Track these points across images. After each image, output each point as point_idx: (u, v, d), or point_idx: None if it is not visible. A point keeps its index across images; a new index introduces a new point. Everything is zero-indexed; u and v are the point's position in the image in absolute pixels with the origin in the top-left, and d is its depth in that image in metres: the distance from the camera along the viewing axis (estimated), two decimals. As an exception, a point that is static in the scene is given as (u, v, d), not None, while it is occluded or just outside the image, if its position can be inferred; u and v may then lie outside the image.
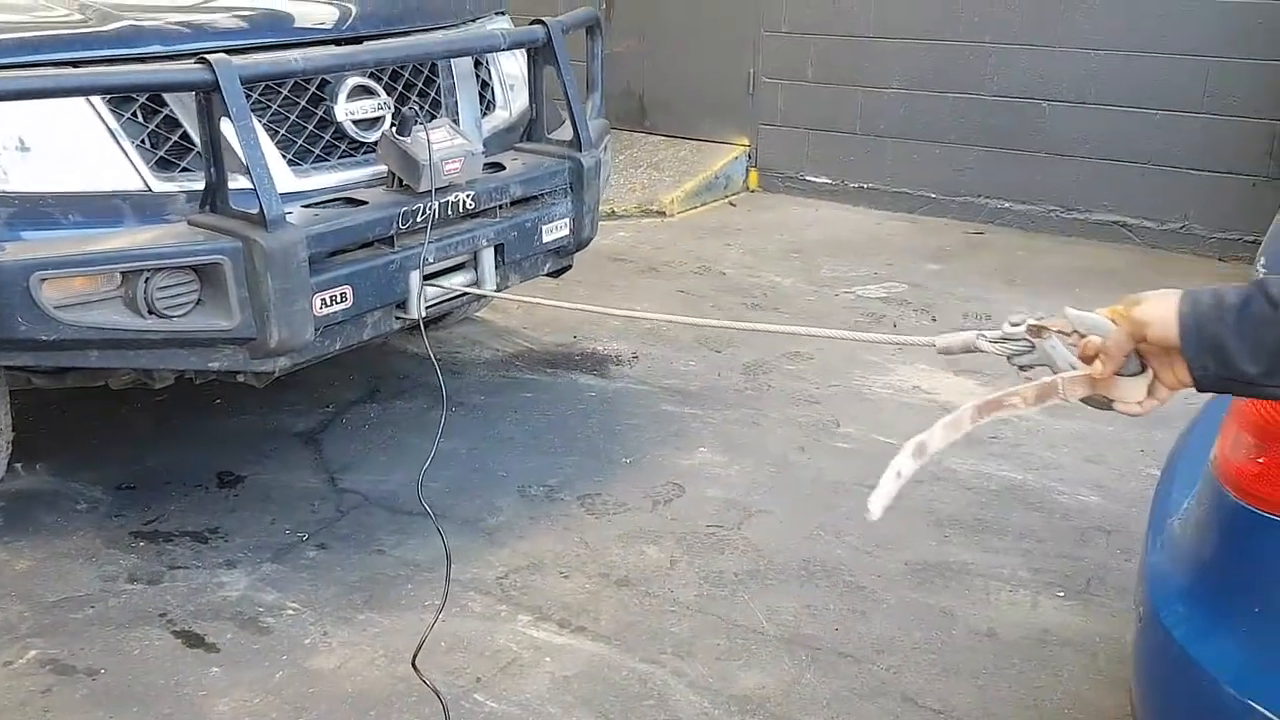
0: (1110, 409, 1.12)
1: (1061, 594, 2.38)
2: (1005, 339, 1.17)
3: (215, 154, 2.28)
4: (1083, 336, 1.11)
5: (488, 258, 2.73)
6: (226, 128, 2.25)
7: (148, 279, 2.19)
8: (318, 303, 2.36)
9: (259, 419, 3.18)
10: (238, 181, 2.31)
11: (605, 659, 2.20)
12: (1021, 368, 1.19)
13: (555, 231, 2.88)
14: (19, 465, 2.83)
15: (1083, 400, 1.13)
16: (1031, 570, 2.46)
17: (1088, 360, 1.11)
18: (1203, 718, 1.34)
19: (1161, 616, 1.37)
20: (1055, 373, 1.14)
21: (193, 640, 2.24)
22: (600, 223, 5.06)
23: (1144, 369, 1.10)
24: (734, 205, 5.51)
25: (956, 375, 3.49)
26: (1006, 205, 5.00)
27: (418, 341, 3.16)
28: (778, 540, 2.59)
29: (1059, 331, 1.12)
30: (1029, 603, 2.35)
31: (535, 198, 2.84)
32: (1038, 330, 1.14)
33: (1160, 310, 1.05)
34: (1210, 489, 1.34)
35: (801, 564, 2.50)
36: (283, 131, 2.54)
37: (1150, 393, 1.10)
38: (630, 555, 2.54)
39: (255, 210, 2.25)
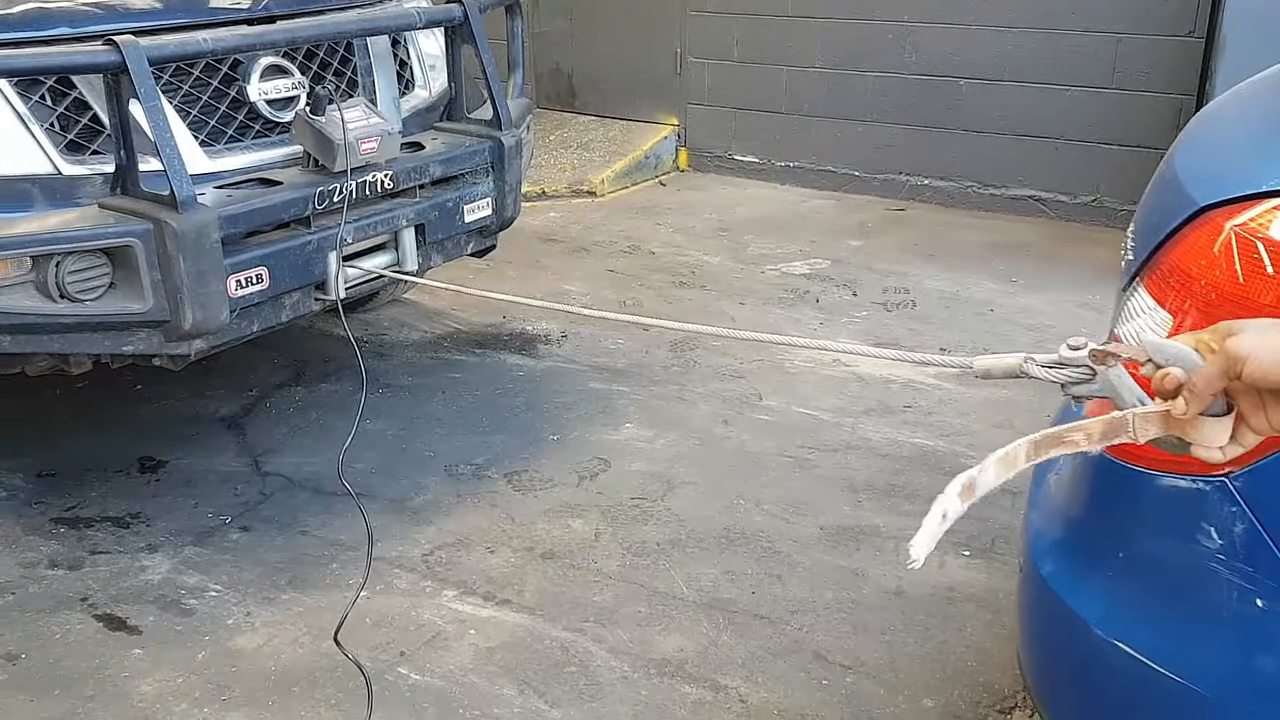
0: (1185, 453, 0.98)
1: (968, 553, 2.48)
2: (1061, 364, 1.05)
3: (124, 136, 2.26)
4: (1158, 367, 0.97)
5: (408, 238, 2.74)
6: (135, 110, 2.23)
7: (58, 263, 2.17)
8: (232, 284, 2.36)
9: (181, 404, 3.16)
10: (149, 164, 2.29)
11: (529, 629, 2.24)
12: (1076, 397, 1.08)
13: (477, 211, 2.90)
14: (-67, 455, 2.80)
15: (1151, 441, 1.00)
16: (940, 532, 2.56)
17: (1166, 396, 0.96)
18: (1076, 659, 1.42)
19: (1038, 566, 1.46)
20: (1121, 407, 1.01)
21: (115, 623, 2.24)
22: (531, 203, 5.11)
23: (1229, 409, 0.96)
24: (664, 185, 5.56)
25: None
26: (926, 182, 5.12)
27: (343, 323, 3.17)
28: (699, 510, 2.66)
29: (1128, 359, 1.00)
30: (936, 562, 2.45)
31: (456, 177, 2.86)
32: (1102, 357, 1.01)
33: (1268, 345, 0.90)
34: (1081, 445, 1.42)
35: (722, 532, 2.57)
36: (195, 113, 2.52)
37: (1234, 437, 0.96)
38: (555, 529, 2.59)
39: (166, 192, 2.24)
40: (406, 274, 2.81)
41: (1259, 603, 1.21)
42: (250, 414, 3.15)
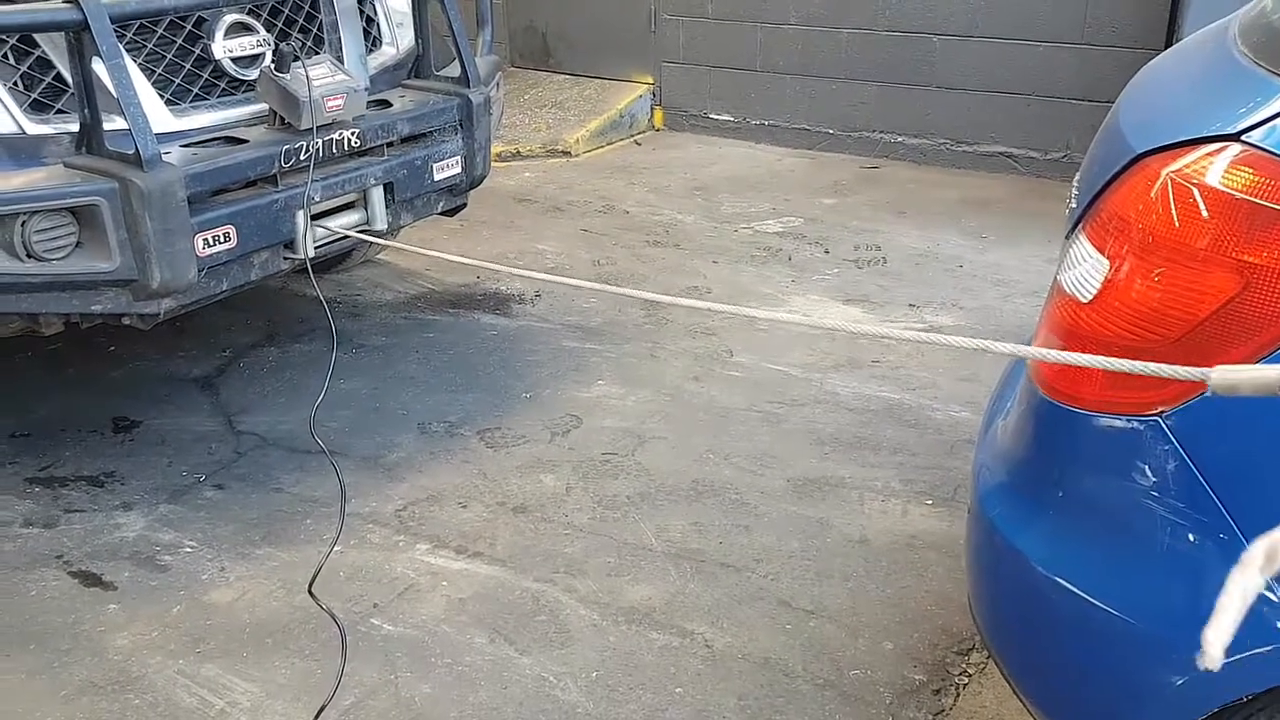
0: None
1: (930, 502, 2.53)
2: None
3: (88, 94, 2.25)
4: None
5: (377, 196, 2.75)
6: (99, 68, 2.22)
7: (24, 222, 2.17)
8: (200, 243, 2.37)
9: (154, 365, 3.17)
10: (114, 122, 2.28)
11: (500, 580, 2.29)
12: None
13: (446, 169, 2.90)
14: (-95, 418, 2.80)
15: None
16: (903, 481, 2.61)
17: None
18: (1020, 597, 1.48)
19: (984, 508, 1.50)
20: None
21: (89, 580, 2.27)
22: (505, 163, 5.09)
23: None
24: (639, 144, 5.55)
25: (844, 304, 3.62)
26: (900, 139, 5.13)
27: (313, 283, 3.18)
28: (669, 464, 2.70)
29: None
30: (899, 511, 2.50)
31: (424, 135, 2.86)
32: None
33: None
34: (1026, 388, 1.46)
35: (691, 485, 2.61)
36: (159, 71, 2.51)
37: None
38: (527, 484, 2.63)
39: (131, 151, 2.24)
40: (376, 233, 2.82)
41: (1190, 538, 1.26)
42: (223, 374, 3.16)
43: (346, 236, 2.76)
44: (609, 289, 1.90)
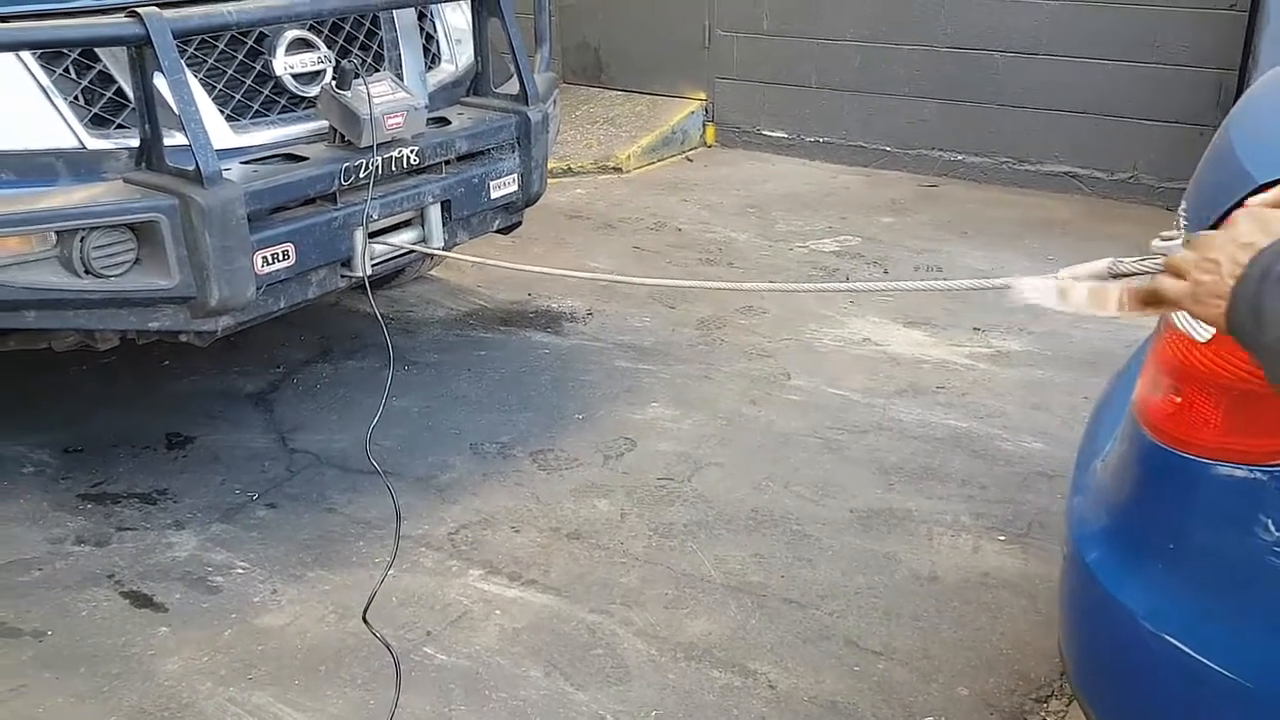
0: None
1: (1003, 538, 2.43)
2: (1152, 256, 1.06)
3: (149, 110, 2.23)
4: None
5: (434, 214, 2.71)
6: (160, 83, 2.21)
7: (83, 238, 2.15)
8: (259, 261, 2.34)
9: (209, 381, 3.16)
10: (175, 138, 2.26)
11: (555, 610, 2.22)
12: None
13: (503, 187, 2.86)
14: (-38, 430, 2.81)
15: None
16: (974, 515, 2.51)
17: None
18: (1119, 649, 1.38)
19: (1083, 555, 1.41)
20: None
21: (141, 600, 2.24)
22: (557, 179, 5.06)
23: None
24: (691, 160, 5.49)
25: (906, 327, 3.52)
26: (960, 158, 5.03)
27: (369, 301, 3.15)
28: (727, 491, 2.63)
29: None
30: (970, 547, 2.40)
31: (482, 153, 2.82)
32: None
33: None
34: (1130, 430, 1.37)
35: (750, 514, 2.53)
36: (221, 86, 2.49)
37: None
38: (581, 509, 2.56)
39: (191, 167, 2.21)
40: (432, 251, 2.79)
41: (1319, 599, 1.16)
42: (277, 390, 3.14)
43: (404, 254, 2.73)
44: (649, 282, 1.83)
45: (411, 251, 2.73)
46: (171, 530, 2.47)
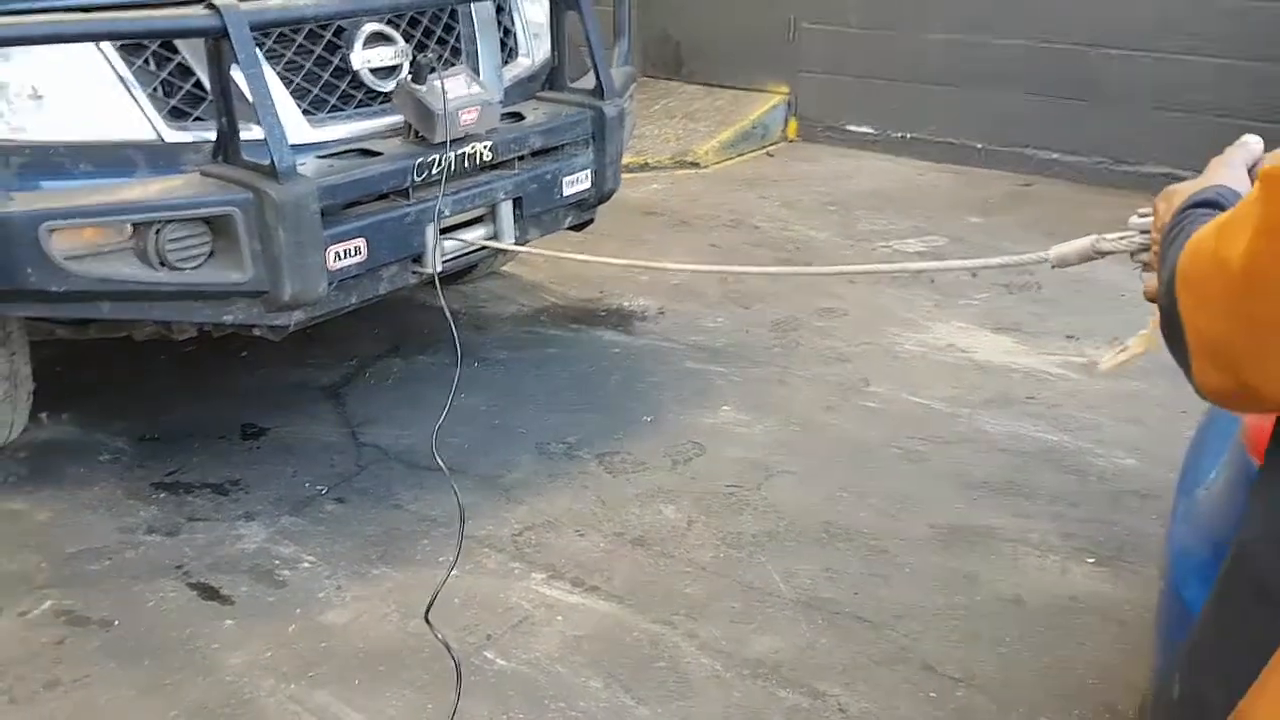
0: None
1: (1092, 560, 2.30)
2: (1130, 234, 1.11)
3: (226, 103, 2.24)
4: None
5: (506, 211, 2.67)
6: (237, 76, 2.21)
7: (158, 231, 2.17)
8: (331, 256, 2.33)
9: (284, 372, 3.18)
10: (251, 131, 2.26)
11: (617, 619, 2.17)
12: (1145, 265, 1.14)
13: (576, 184, 2.81)
14: (44, 415, 2.86)
15: None
16: (1062, 535, 2.38)
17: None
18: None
19: (1181, 590, 1.30)
20: None
21: (208, 593, 2.25)
22: (632, 175, 5.00)
23: None
24: (771, 156, 5.39)
25: (994, 333, 3.38)
26: (1055, 157, 4.82)
27: (440, 297, 3.13)
28: (799, 502, 2.54)
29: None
30: (1058, 568, 2.28)
31: (555, 149, 2.77)
32: None
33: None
34: (1237, 457, 1.25)
35: (822, 526, 2.44)
36: (298, 80, 2.49)
37: None
38: (647, 515, 2.50)
39: (267, 161, 2.21)
40: (503, 247, 2.75)
41: None
42: (350, 384, 3.14)
43: (475, 250, 2.70)
44: (706, 268, 1.75)
45: (483, 248, 2.70)
46: (242, 522, 2.48)
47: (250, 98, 2.20)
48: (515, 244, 2.76)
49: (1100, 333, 3.30)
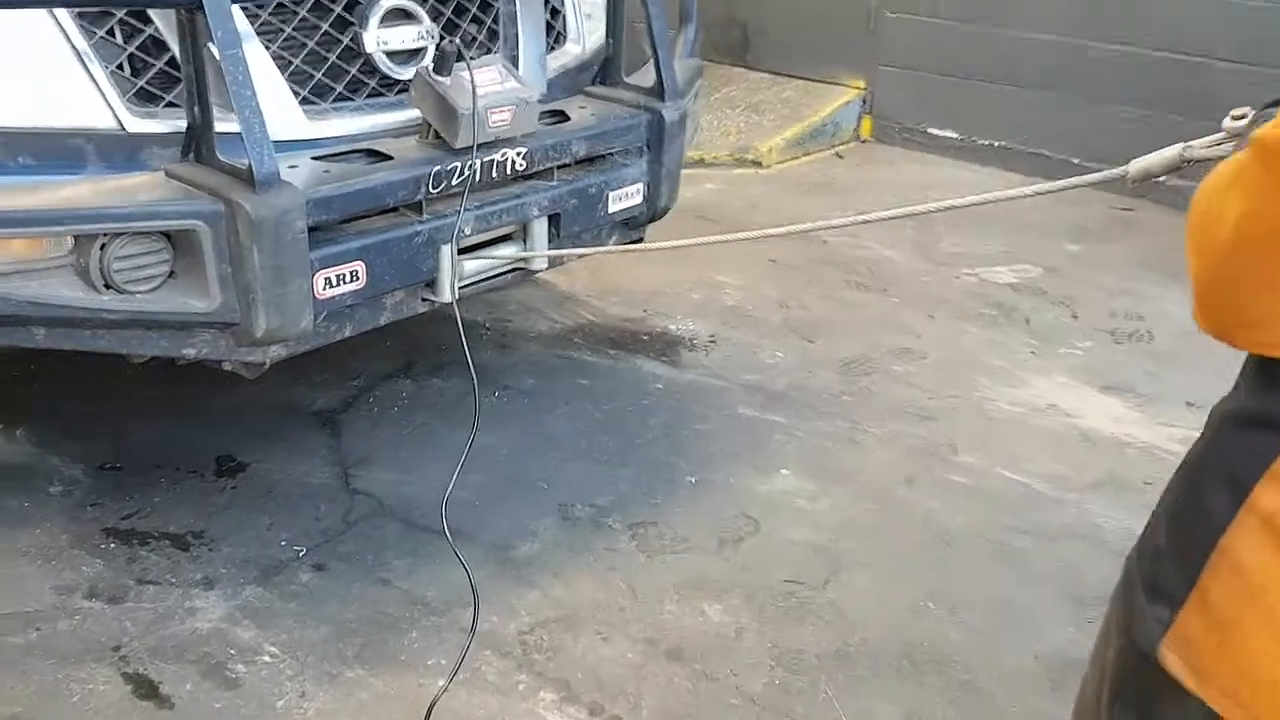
0: None
1: None
2: (1226, 139, 0.97)
3: (199, 88, 1.80)
4: None
5: (539, 230, 2.23)
6: (213, 56, 1.77)
7: (104, 246, 1.74)
8: (320, 283, 1.90)
9: (276, 391, 2.75)
10: (233, 123, 1.83)
11: (644, 764, 1.74)
12: None
13: (625, 200, 2.35)
14: (-2, 429, 2.48)
15: None
16: (1203, 689, 1.91)
17: None
18: None
19: None
20: None
21: (145, 689, 1.84)
22: (687, 170, 4.45)
23: None
24: (841, 157, 4.88)
25: (1102, 393, 2.89)
26: (1161, 179, 4.25)
27: (466, 303, 2.70)
28: (873, 609, 2.09)
29: None
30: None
31: (603, 157, 2.32)
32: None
33: None
34: None
35: (903, 649, 1.99)
36: (298, 62, 2.05)
37: None
38: (687, 615, 2.06)
39: (245, 164, 1.78)
40: (534, 270, 2.31)
41: None
42: (349, 410, 2.72)
43: (499, 274, 2.26)
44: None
45: (511, 271, 2.26)
46: (199, 590, 2.07)
47: (227, 84, 1.76)
48: (549, 267, 2.32)
49: (1230, 404, 2.80)
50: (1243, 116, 0.98)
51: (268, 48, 1.99)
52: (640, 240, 2.56)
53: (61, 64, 1.82)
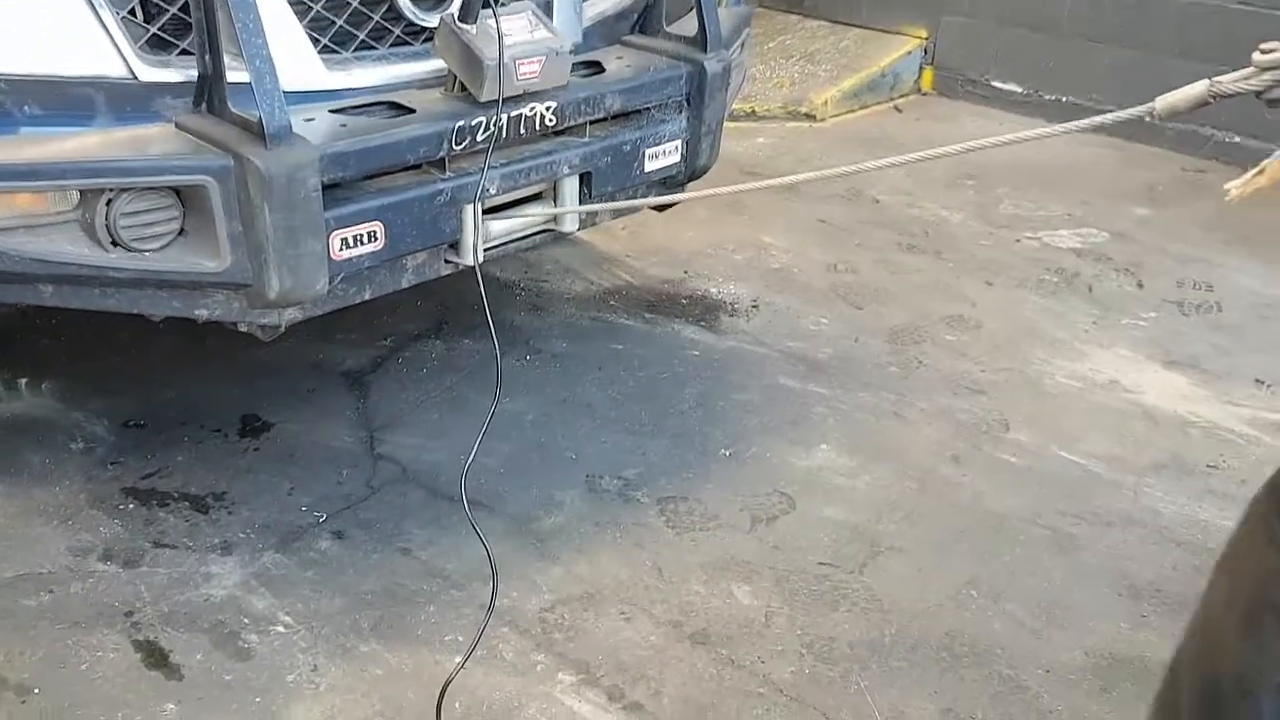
0: None
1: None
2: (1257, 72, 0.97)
3: (210, 33, 1.71)
4: None
5: (570, 188, 2.12)
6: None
7: (110, 201, 1.67)
8: (336, 243, 1.81)
9: (305, 348, 2.69)
10: (244, 73, 1.74)
11: (662, 755, 1.66)
12: (1273, 103, 1.03)
13: (662, 157, 2.23)
14: (24, 381, 2.45)
15: None
16: (1267, 697, 1.78)
17: None
18: None
19: None
20: None
21: (155, 657, 1.80)
22: (736, 123, 4.32)
23: None
24: (900, 111, 4.67)
25: (1166, 368, 2.72)
26: (1236, 140, 4.03)
27: (500, 262, 2.60)
28: (913, 596, 1.98)
29: None
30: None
31: (639, 112, 2.19)
32: None
33: None
34: None
35: (943, 639, 1.88)
36: (318, 8, 1.95)
37: None
38: (714, 596, 1.97)
39: (255, 116, 1.69)
40: (563, 230, 2.20)
41: None
42: (378, 370, 2.65)
43: (528, 235, 2.16)
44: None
45: (538, 234, 2.16)
46: (215, 555, 2.03)
47: (236, 29, 1.67)
48: (581, 228, 2.21)
49: (1308, 384, 2.62)
50: (1272, 50, 1.00)
51: (287, -9, 1.89)
52: (677, 202, 2.43)
53: (69, 7, 1.74)
